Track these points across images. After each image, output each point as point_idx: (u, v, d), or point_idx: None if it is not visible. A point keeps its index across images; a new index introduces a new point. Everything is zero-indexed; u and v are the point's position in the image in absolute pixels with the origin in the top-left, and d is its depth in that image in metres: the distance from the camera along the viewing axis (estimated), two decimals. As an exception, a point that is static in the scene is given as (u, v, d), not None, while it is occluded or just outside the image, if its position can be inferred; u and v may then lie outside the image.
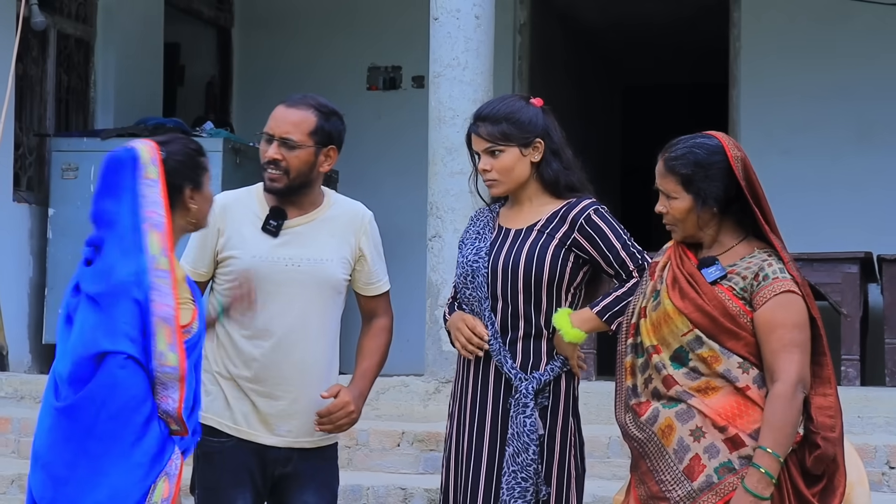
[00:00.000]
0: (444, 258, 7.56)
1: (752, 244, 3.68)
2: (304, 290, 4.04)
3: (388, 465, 7.06)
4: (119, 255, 3.42)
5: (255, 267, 4.01)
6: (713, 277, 3.63)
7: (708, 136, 3.69)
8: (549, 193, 4.11)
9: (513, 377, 4.02)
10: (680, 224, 3.69)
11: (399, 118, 10.14)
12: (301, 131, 4.03)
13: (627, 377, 3.71)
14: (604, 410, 7.14)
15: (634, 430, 3.67)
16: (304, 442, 4.07)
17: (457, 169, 7.38)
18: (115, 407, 3.35)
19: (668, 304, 3.63)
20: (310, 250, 4.06)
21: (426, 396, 7.65)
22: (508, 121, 4.06)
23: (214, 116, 10.03)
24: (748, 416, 3.57)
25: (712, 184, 3.62)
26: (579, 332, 3.98)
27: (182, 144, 3.61)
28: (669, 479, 3.59)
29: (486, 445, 4.04)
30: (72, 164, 8.68)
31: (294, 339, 4.03)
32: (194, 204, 3.60)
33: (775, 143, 9.37)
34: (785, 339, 3.55)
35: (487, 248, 4.08)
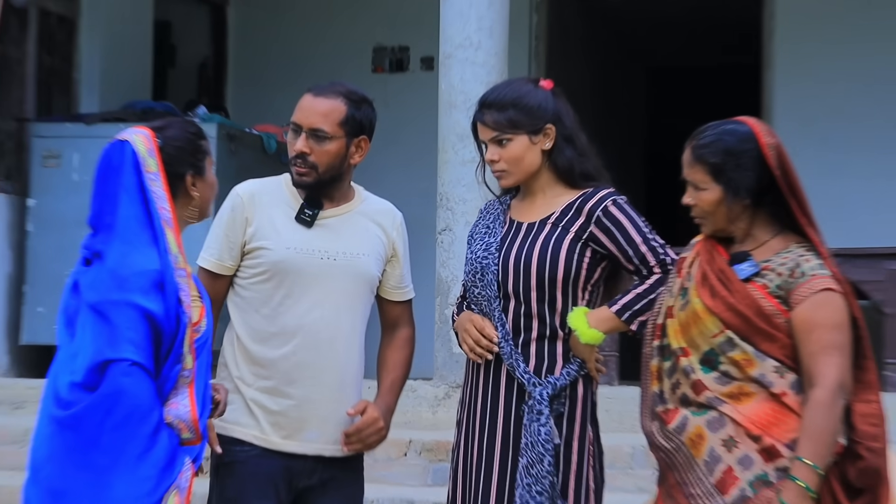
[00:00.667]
0: (454, 253, 7.55)
1: (788, 238, 3.66)
2: (338, 286, 4.07)
3: (394, 476, 7.05)
4: (119, 259, 3.42)
5: (289, 259, 4.03)
6: (746, 274, 3.62)
7: (739, 122, 3.68)
8: (564, 183, 4.09)
9: (526, 382, 4.01)
10: (709, 217, 3.68)
11: (407, 102, 10.12)
12: (331, 122, 4.06)
13: (654, 382, 3.71)
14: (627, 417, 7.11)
15: (661, 439, 3.66)
16: (331, 450, 4.09)
17: (468, 157, 7.36)
18: (121, 416, 3.36)
19: (698, 304, 3.62)
20: (345, 244, 4.10)
21: (435, 402, 7.64)
22: (516, 107, 4.04)
23: (208, 100, 10.03)
24: (785, 424, 3.56)
25: (744, 173, 3.61)
26: (596, 332, 3.97)
27: (180, 129, 3.62)
28: (700, 493, 3.58)
29: (498, 456, 4.03)
30: (53, 152, 8.68)
31: (326, 337, 4.06)
32: (197, 192, 3.62)
33: (813, 130, 9.33)
34: (824, 341, 3.54)
35: (498, 244, 4.06)
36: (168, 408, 3.42)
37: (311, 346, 4.04)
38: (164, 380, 3.41)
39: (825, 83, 9.41)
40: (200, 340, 3.53)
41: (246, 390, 4.03)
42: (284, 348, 4.03)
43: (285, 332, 4.03)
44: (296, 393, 4.04)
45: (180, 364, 3.42)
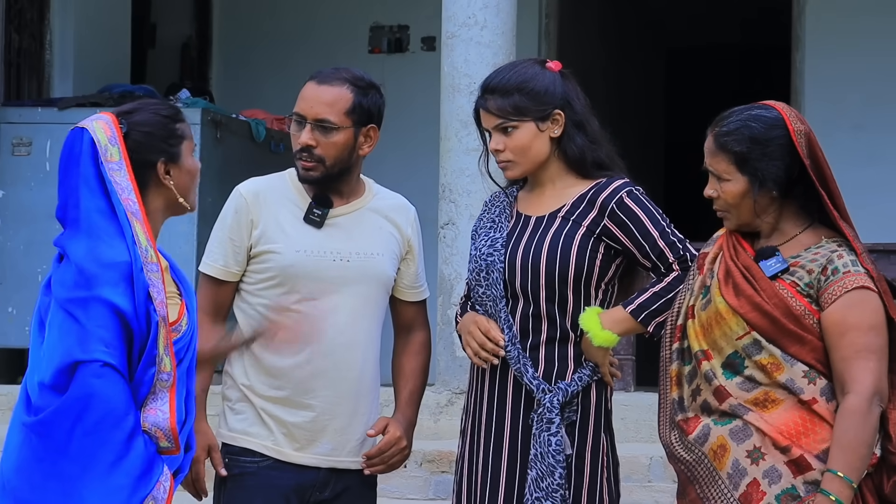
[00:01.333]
0: (458, 249, 7.55)
1: (819, 232, 3.66)
2: (353, 289, 4.08)
3: (393, 489, 7.05)
4: (86, 254, 3.42)
5: (300, 263, 4.05)
6: (773, 271, 3.61)
7: (766, 106, 3.67)
8: (575, 173, 4.09)
9: (535, 388, 4.01)
10: (733, 210, 3.67)
11: (406, 86, 10.11)
12: (337, 111, 4.05)
13: (673, 388, 3.71)
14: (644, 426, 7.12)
15: (681, 450, 3.66)
16: (347, 462, 4.11)
17: (473, 145, 7.36)
18: (92, 421, 3.35)
19: (721, 303, 3.61)
20: (358, 243, 4.10)
21: (437, 409, 7.64)
22: (521, 91, 4.04)
23: (191, 84, 10.03)
24: (815, 434, 3.55)
25: (771, 163, 3.60)
26: (610, 334, 3.97)
27: (150, 112, 3.57)
28: (724, 509, 3.57)
29: (505, 468, 4.03)
30: (24, 139, 8.68)
31: (342, 344, 4.07)
32: (171, 180, 3.55)
33: (845, 115, 9.33)
34: (858, 344, 3.53)
35: (504, 240, 4.06)
36: (145, 413, 3.41)
37: (327, 354, 4.05)
38: (138, 384, 3.40)
39: (858, 64, 9.40)
40: (181, 342, 3.51)
41: (256, 400, 4.05)
42: (298, 357, 4.04)
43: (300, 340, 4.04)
44: (311, 403, 4.05)
45: (155, 367, 3.40)
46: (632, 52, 12.39)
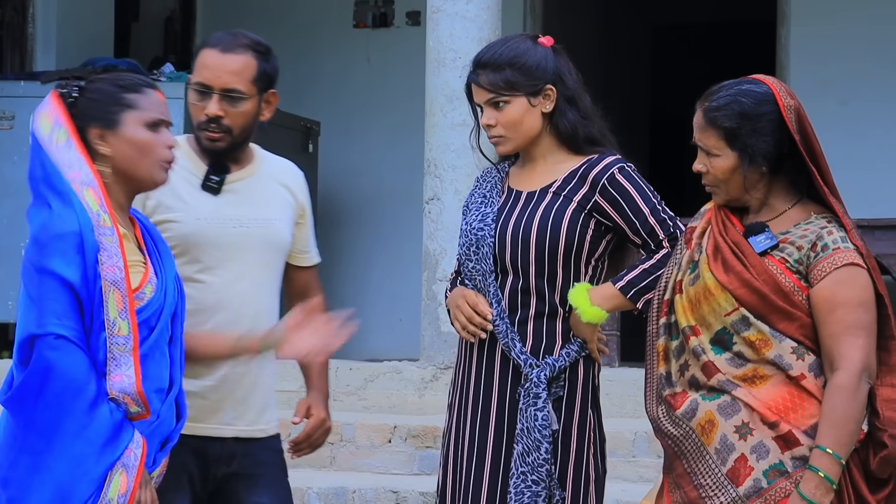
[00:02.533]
0: (443, 224, 7.56)
1: (808, 208, 3.65)
2: (254, 256, 4.04)
3: (378, 464, 7.07)
4: (40, 225, 3.43)
5: (201, 231, 3.99)
6: (763, 247, 3.61)
7: (755, 81, 3.65)
8: (566, 149, 4.09)
9: (522, 363, 4.01)
10: (723, 185, 3.66)
11: (391, 60, 10.10)
12: (245, 80, 3.99)
13: (660, 363, 3.70)
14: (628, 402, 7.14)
15: (669, 425, 3.66)
16: (250, 431, 4.07)
17: (458, 120, 7.36)
18: (52, 394, 3.35)
19: (710, 278, 3.61)
20: (256, 209, 4.06)
21: (422, 385, 7.66)
22: (513, 66, 4.03)
23: (175, 57, 10.00)
24: (803, 409, 3.55)
25: (761, 138, 3.59)
26: (599, 310, 3.97)
27: (109, 81, 3.56)
28: (710, 484, 3.58)
29: (491, 442, 4.04)
30: (7, 113, 8.65)
31: (249, 313, 4.03)
32: (106, 147, 3.51)
33: (831, 90, 9.33)
34: (847, 321, 3.53)
35: (494, 214, 4.06)
36: (111, 381, 3.40)
37: (233, 324, 3.98)
38: (94, 351, 3.40)
39: (843, 39, 9.40)
40: (149, 309, 3.49)
41: None
42: (203, 328, 3.96)
43: (204, 310, 3.97)
44: (213, 374, 3.99)
45: (105, 331, 3.39)
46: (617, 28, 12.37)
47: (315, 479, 6.78)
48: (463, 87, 4.18)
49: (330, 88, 10.10)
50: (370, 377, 7.76)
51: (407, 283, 9.22)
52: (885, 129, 9.33)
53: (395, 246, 9.66)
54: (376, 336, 9.91)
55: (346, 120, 10.09)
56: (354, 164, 10.11)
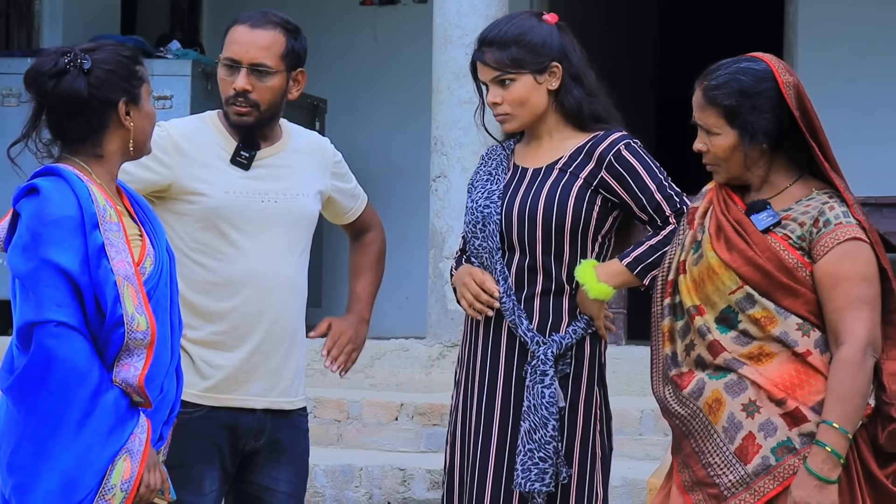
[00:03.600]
0: (449, 202, 7.56)
1: (809, 184, 3.65)
2: (282, 229, 4.09)
3: (385, 441, 7.08)
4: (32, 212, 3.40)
5: (229, 204, 4.04)
6: (765, 224, 3.60)
7: (754, 59, 3.65)
8: (572, 126, 4.09)
9: (529, 340, 4.02)
10: (723, 164, 3.66)
11: (398, 37, 10.09)
12: (273, 55, 4.05)
13: (665, 344, 3.70)
14: (635, 379, 7.14)
15: (676, 405, 3.65)
16: (281, 402, 4.12)
17: (465, 97, 7.36)
18: (55, 382, 3.34)
19: (713, 258, 3.61)
20: (284, 184, 4.12)
21: (428, 363, 7.67)
22: (518, 44, 4.03)
23: (182, 35, 10.00)
24: (810, 385, 3.55)
25: (761, 116, 3.58)
26: (606, 287, 3.97)
27: (111, 51, 3.50)
28: (719, 462, 3.58)
29: (498, 419, 4.05)
30: (13, 90, 8.65)
31: (275, 284, 4.08)
32: (131, 122, 3.50)
33: (839, 68, 9.32)
34: (851, 295, 3.53)
35: (501, 192, 4.06)
36: (118, 368, 3.40)
37: (262, 298, 4.05)
38: (106, 343, 3.39)
39: (851, 16, 9.39)
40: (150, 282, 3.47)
41: (189, 346, 4.01)
42: (233, 300, 4.03)
43: (232, 283, 4.03)
44: (245, 346, 4.05)
45: (124, 327, 3.38)
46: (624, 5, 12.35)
47: (322, 456, 6.80)
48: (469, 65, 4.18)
49: (337, 66, 10.10)
50: (377, 355, 7.77)
51: (413, 260, 9.22)
52: (893, 107, 9.32)
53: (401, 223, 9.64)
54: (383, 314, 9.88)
55: (353, 97, 10.09)
56: (361, 142, 10.11)
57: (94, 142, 3.48)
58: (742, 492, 3.55)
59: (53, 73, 3.44)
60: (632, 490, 6.33)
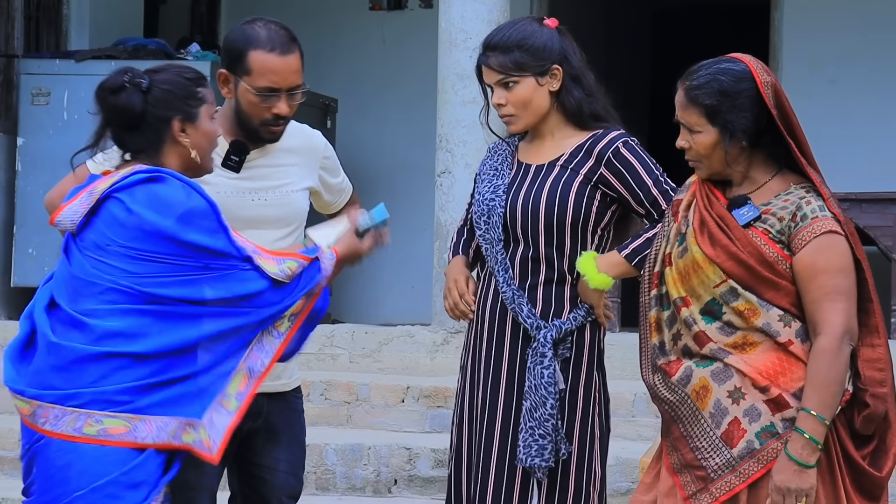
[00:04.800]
0: (453, 196, 7.56)
1: (788, 178, 3.63)
2: (273, 224, 4.09)
3: (392, 422, 7.09)
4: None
5: (220, 203, 4.01)
6: (746, 219, 3.59)
7: (733, 59, 3.62)
8: (573, 125, 4.10)
9: (529, 327, 4.03)
10: (705, 160, 3.63)
11: (405, 41, 10.09)
12: (301, 74, 4.05)
13: (653, 334, 3.68)
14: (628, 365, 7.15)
15: (665, 391, 3.64)
16: (277, 386, 4.12)
17: (469, 97, 7.36)
18: None
19: (697, 252, 3.59)
20: (274, 182, 4.11)
21: (433, 348, 7.67)
22: (521, 48, 4.04)
23: (201, 38, 9.99)
24: (791, 373, 3.54)
25: (740, 114, 3.56)
26: (606, 277, 3.98)
27: (174, 73, 3.60)
28: (706, 446, 3.57)
29: (502, 401, 4.06)
30: (43, 89, 8.66)
31: None
32: (186, 138, 3.58)
33: (821, 72, 9.32)
34: (828, 287, 3.51)
35: (505, 187, 4.08)
36: (248, 354, 3.64)
37: None
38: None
39: (835, 24, 9.38)
40: None
41: None
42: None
43: None
44: None
45: None
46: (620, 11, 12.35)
47: (332, 436, 6.82)
48: (473, 67, 4.18)
49: (347, 68, 10.10)
50: (384, 340, 7.78)
51: (419, 252, 9.22)
52: (872, 108, 9.32)
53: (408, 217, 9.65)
54: (390, 302, 9.95)
55: (363, 97, 10.09)
56: (370, 139, 10.11)
57: (151, 155, 3.57)
58: (728, 474, 3.54)
59: (113, 88, 3.55)
60: (625, 469, 6.34)
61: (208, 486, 4.06)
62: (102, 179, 3.55)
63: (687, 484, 3.59)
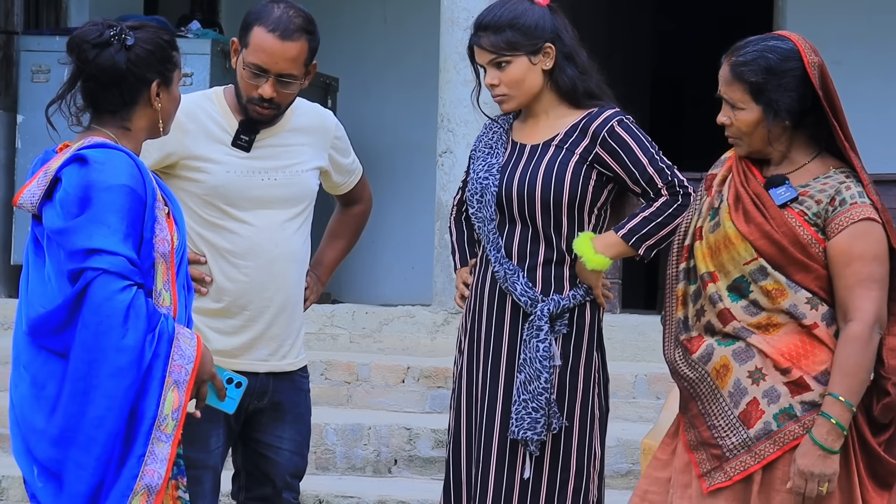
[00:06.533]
0: (454, 176, 7.55)
1: (827, 162, 3.60)
2: (282, 204, 4.09)
3: (392, 402, 7.10)
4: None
5: (230, 183, 4.03)
6: (783, 199, 3.56)
7: (781, 37, 3.60)
8: (567, 103, 4.10)
9: (523, 303, 4.03)
10: (746, 138, 3.59)
11: (407, 20, 10.07)
12: (299, 64, 4.02)
13: (679, 308, 3.65)
14: (629, 346, 7.16)
15: (685, 368, 3.62)
16: (283, 365, 4.13)
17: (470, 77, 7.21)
18: None
19: (730, 228, 3.57)
20: (283, 162, 4.10)
21: (434, 328, 7.68)
22: (513, 27, 4.04)
23: (201, 15, 9.97)
24: (814, 356, 3.53)
25: (786, 94, 3.53)
26: (603, 258, 3.98)
27: (153, 32, 3.49)
28: (723, 425, 3.56)
29: (503, 381, 4.06)
30: (43, 66, 8.65)
31: (276, 255, 4.07)
32: (159, 103, 3.49)
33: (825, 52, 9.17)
34: (862, 274, 3.49)
35: (500, 166, 4.07)
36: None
37: (264, 268, 4.05)
38: None
39: (839, 5, 9.36)
40: (178, 254, 3.52)
41: (195, 316, 3.95)
42: (236, 272, 4.03)
43: (235, 256, 4.04)
44: (248, 314, 4.06)
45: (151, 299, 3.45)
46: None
47: (332, 415, 6.82)
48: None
49: (349, 46, 10.08)
50: (385, 321, 7.78)
51: (420, 232, 9.22)
52: (876, 90, 9.30)
53: (408, 197, 9.65)
54: (391, 282, 9.94)
55: (364, 76, 10.07)
56: (371, 119, 10.10)
57: (123, 115, 3.47)
58: (743, 454, 3.54)
59: (97, 43, 3.43)
60: (626, 450, 6.35)
61: (213, 466, 4.07)
62: (57, 157, 3.42)
63: (702, 462, 3.59)
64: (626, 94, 4.20)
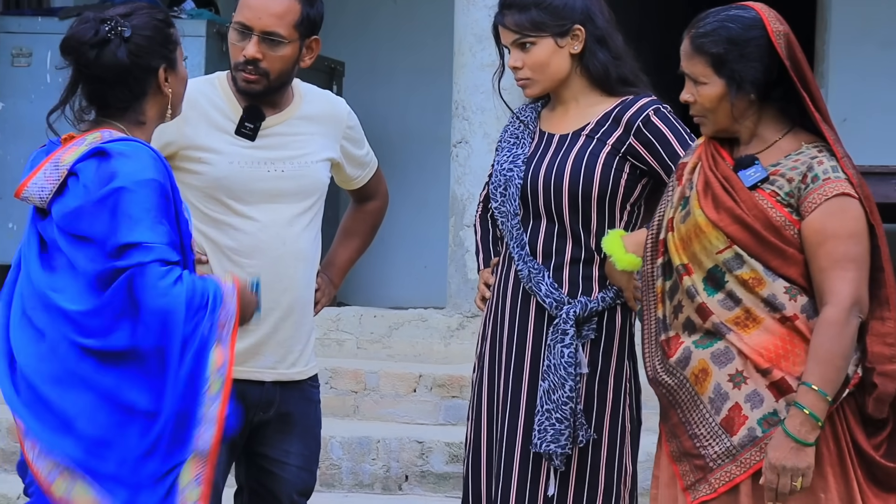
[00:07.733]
0: (470, 168, 7.55)
1: (799, 137, 3.62)
2: (289, 198, 4.09)
3: (403, 413, 7.10)
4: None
5: (234, 174, 4.02)
6: (753, 181, 3.58)
7: (744, 6, 3.62)
8: (599, 90, 4.09)
9: (547, 305, 4.02)
10: (710, 115, 3.63)
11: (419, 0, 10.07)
12: (287, 24, 4.02)
13: (658, 306, 3.68)
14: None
15: (664, 374, 3.65)
16: (291, 374, 4.13)
17: (488, 60, 7.34)
18: None
19: (700, 216, 3.59)
20: (291, 152, 4.11)
21: (448, 333, 7.67)
22: (539, 6, 4.05)
23: (195, -6, 9.98)
24: (795, 356, 3.54)
25: (749, 64, 3.56)
26: (634, 257, 3.97)
27: (147, 16, 3.51)
28: (705, 434, 3.58)
29: (525, 390, 4.06)
30: (24, 49, 8.66)
31: (283, 253, 4.08)
32: (169, 87, 3.53)
33: (874, 31, 9.27)
34: (837, 254, 3.50)
35: (526, 157, 4.07)
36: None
37: (270, 267, 4.04)
38: None
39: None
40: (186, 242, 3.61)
41: None
42: (240, 271, 4.00)
43: (239, 254, 4.04)
44: (257, 317, 4.04)
45: None
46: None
47: (338, 427, 6.82)
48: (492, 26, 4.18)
49: (355, 27, 10.09)
50: (395, 325, 7.78)
51: (433, 228, 9.22)
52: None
53: (420, 190, 9.64)
54: (401, 283, 9.94)
55: (372, 60, 10.07)
56: (379, 106, 10.09)
57: (135, 109, 3.51)
58: (728, 463, 3.56)
59: (95, 42, 3.45)
60: (656, 465, 6.34)
61: (214, 482, 4.06)
62: (70, 149, 3.46)
63: (686, 473, 3.62)
64: (658, 83, 4.19)
